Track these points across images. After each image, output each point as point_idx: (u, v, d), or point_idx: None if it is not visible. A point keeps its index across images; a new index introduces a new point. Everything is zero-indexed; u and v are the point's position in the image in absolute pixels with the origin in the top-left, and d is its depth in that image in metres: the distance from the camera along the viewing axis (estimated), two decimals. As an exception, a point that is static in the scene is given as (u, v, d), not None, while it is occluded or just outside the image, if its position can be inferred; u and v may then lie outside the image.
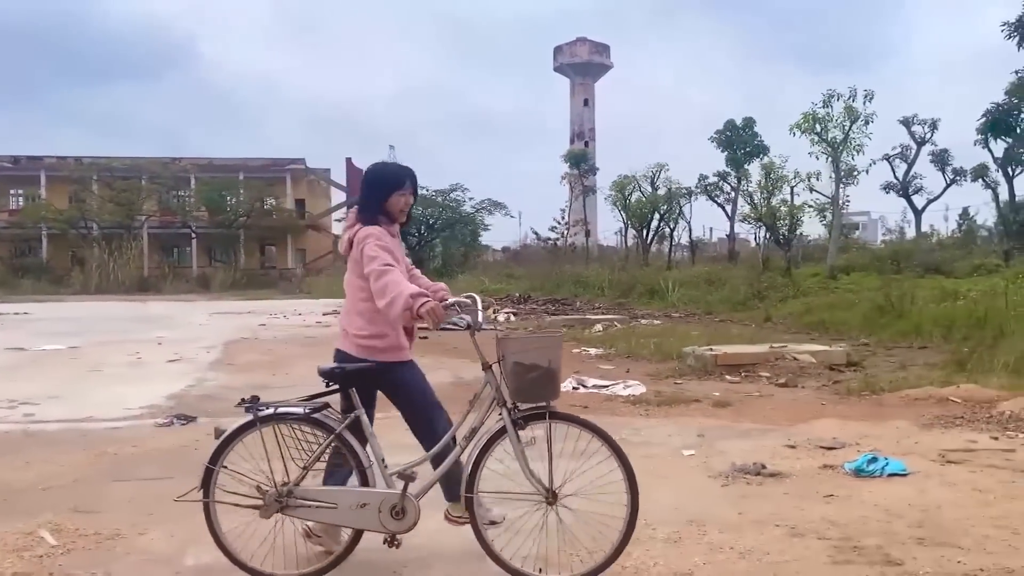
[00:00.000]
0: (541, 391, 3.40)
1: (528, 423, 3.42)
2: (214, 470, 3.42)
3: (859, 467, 5.16)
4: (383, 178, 3.80)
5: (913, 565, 3.59)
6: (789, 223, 27.03)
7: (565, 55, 71.65)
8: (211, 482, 3.42)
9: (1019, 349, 10.37)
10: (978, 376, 8.95)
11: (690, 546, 3.89)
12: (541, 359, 3.38)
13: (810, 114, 24.45)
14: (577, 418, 3.54)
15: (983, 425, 6.52)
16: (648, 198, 38.92)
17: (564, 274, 34.13)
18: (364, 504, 3.37)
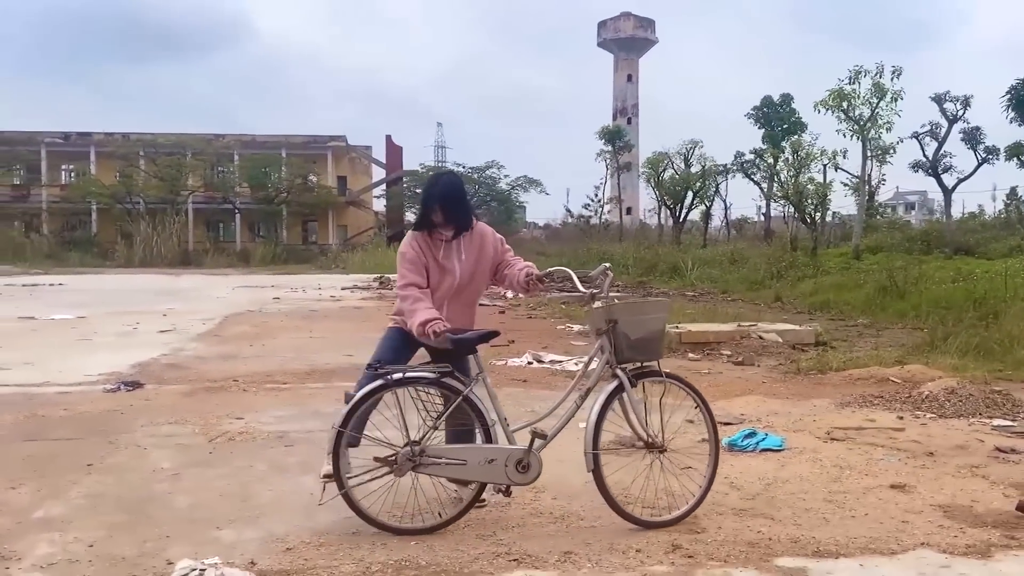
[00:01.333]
0: (649, 351, 3.87)
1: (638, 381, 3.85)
2: (343, 433, 3.64)
3: (734, 442, 5.24)
4: (424, 193, 4.24)
5: (713, 533, 3.70)
6: (816, 202, 26.54)
7: (609, 30, 70.87)
8: (340, 444, 3.64)
9: (1005, 330, 10.23)
10: (936, 357, 8.87)
11: (515, 509, 4.05)
12: (650, 323, 3.89)
13: (836, 91, 23.92)
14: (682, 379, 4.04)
15: (899, 405, 6.49)
16: (681, 175, 38.56)
17: (591, 252, 34.09)
18: (492, 460, 3.66)
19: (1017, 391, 7.10)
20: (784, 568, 3.22)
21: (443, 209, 4.05)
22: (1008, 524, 3.77)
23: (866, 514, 3.96)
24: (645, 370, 3.91)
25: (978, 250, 25.37)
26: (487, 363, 8.92)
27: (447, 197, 4.09)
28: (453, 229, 4.09)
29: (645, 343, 3.86)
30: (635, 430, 3.87)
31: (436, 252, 4.09)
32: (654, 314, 3.92)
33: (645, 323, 3.87)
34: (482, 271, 4.19)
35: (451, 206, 4.08)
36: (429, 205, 4.08)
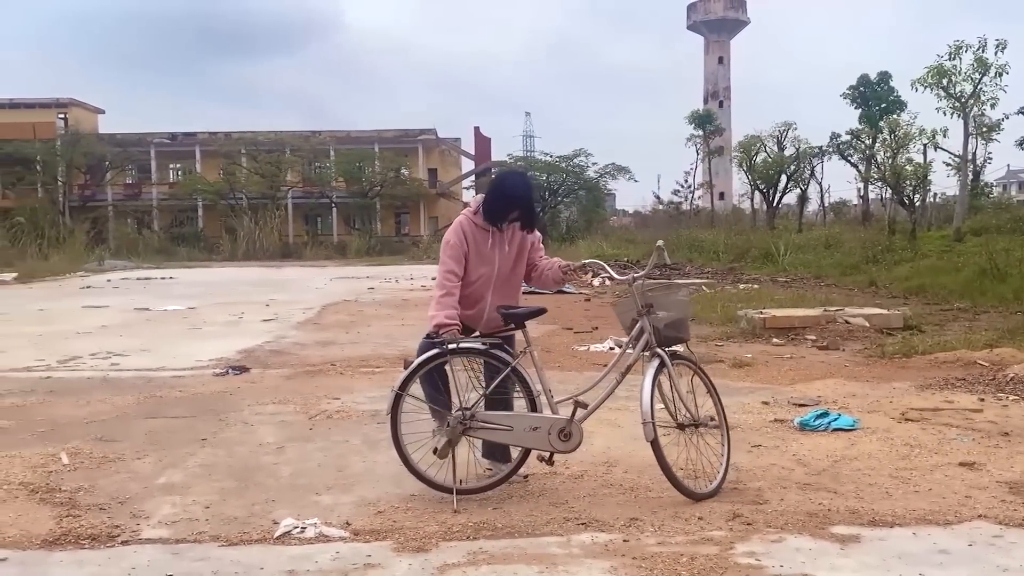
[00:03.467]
0: (681, 333, 4.21)
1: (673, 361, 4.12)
2: (402, 396, 4.05)
3: (805, 422, 5.36)
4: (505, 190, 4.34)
5: (775, 504, 3.88)
6: (914, 183, 25.66)
7: (699, 12, 69.66)
8: (399, 406, 4.01)
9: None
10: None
11: (587, 481, 4.32)
12: (680, 306, 4.27)
13: (935, 67, 23.04)
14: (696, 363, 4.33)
15: (981, 387, 6.46)
16: (774, 158, 37.78)
17: (681, 238, 33.83)
18: (536, 427, 3.95)
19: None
20: (838, 535, 3.39)
21: (524, 213, 4.31)
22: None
23: (929, 489, 4.06)
24: (676, 352, 4.18)
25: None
26: (571, 349, 9.33)
27: (531, 202, 4.42)
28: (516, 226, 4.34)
29: (677, 325, 4.17)
30: (676, 407, 4.11)
31: (483, 242, 4.28)
32: (683, 297, 4.26)
33: (676, 306, 4.20)
34: (521, 263, 4.44)
35: (532, 211, 4.40)
36: (511, 204, 4.26)
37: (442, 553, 3.33)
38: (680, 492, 3.95)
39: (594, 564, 3.14)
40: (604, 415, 5.49)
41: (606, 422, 5.45)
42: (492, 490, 4.07)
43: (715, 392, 4.35)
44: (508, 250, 4.37)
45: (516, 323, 4.12)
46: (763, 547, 3.24)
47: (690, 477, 4.05)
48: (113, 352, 9.28)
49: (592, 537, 3.44)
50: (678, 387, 4.14)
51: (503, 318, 4.14)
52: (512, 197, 4.31)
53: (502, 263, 4.36)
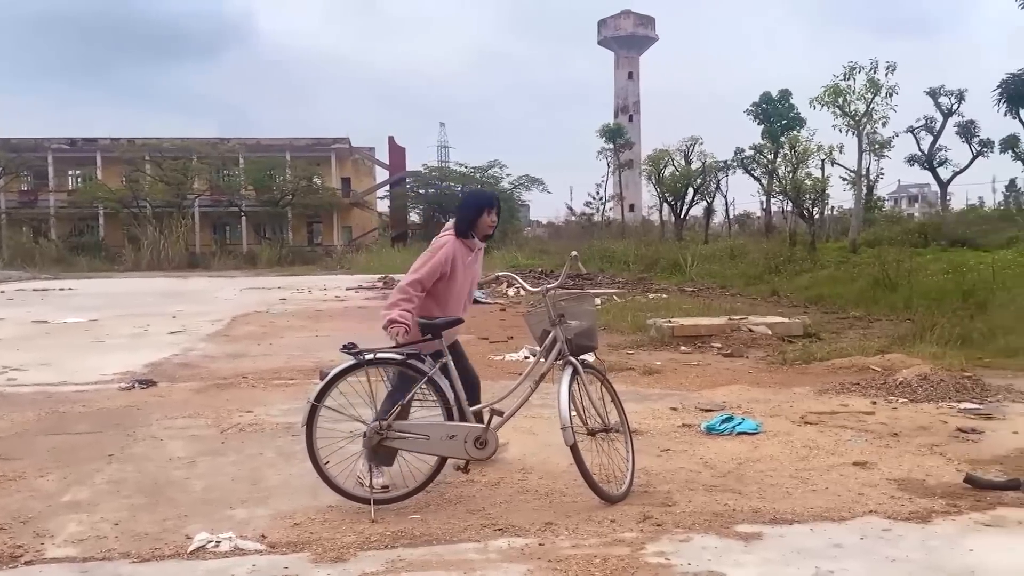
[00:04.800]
0: (591, 341, 4.36)
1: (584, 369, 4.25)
2: (317, 407, 4.01)
3: (712, 426, 5.58)
4: (475, 200, 4.64)
5: (683, 506, 4.04)
6: (813, 197, 26.85)
7: (609, 28, 71.14)
8: (314, 418, 4.01)
9: (988, 320, 10.56)
10: (919, 346, 9.19)
11: (504, 488, 4.40)
12: (588, 315, 4.39)
13: (831, 87, 24.22)
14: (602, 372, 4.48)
15: (874, 391, 6.83)
16: (681, 172, 38.85)
17: (593, 249, 34.42)
18: (452, 436, 4.00)
19: (991, 377, 7.44)
20: (742, 533, 3.56)
21: (498, 212, 4.59)
22: (954, 495, 4.11)
23: (826, 488, 4.30)
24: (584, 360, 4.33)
25: (976, 242, 25.62)
26: (487, 359, 9.41)
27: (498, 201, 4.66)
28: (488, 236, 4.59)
29: (587, 334, 4.32)
30: (587, 414, 4.25)
31: (466, 259, 4.49)
32: (589, 307, 4.40)
33: (586, 315, 4.34)
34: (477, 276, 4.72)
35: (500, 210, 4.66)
36: (482, 207, 4.51)
37: (360, 562, 3.35)
38: (596, 495, 4.07)
39: (511, 568, 3.22)
40: (520, 423, 5.59)
41: (522, 430, 5.54)
42: (409, 499, 4.10)
43: (618, 399, 4.48)
44: (478, 263, 4.66)
45: (433, 333, 4.18)
46: (672, 547, 3.38)
47: (603, 481, 4.18)
48: (10, 367, 8.87)
49: (509, 542, 3.52)
50: (589, 394, 4.27)
51: (420, 328, 4.19)
52: (483, 199, 4.61)
53: (474, 277, 4.63)
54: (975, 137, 25.17)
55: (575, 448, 4.01)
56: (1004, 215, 33.34)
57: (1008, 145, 24.05)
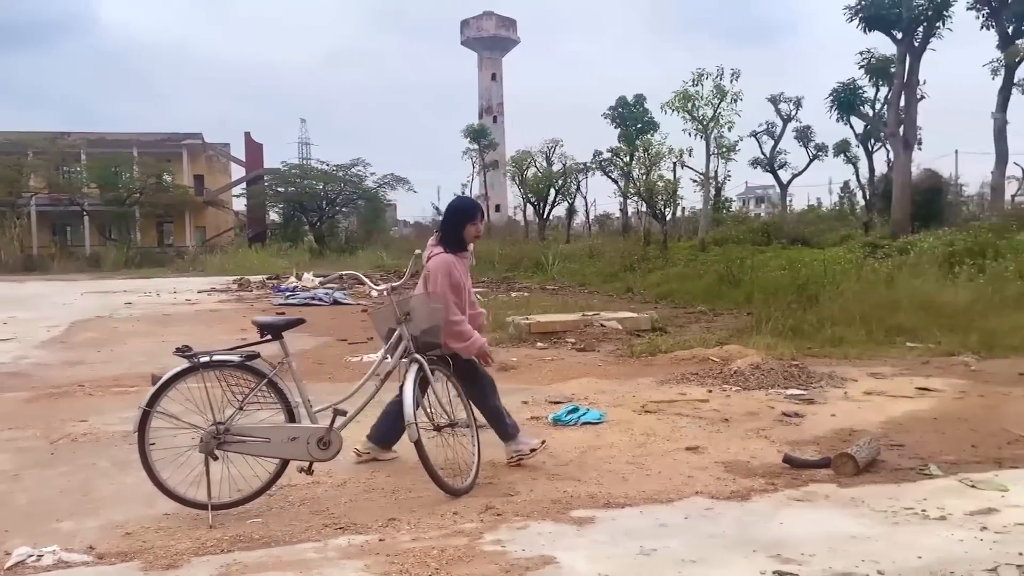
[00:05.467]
0: (435, 338, 4.40)
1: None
2: (150, 412, 3.82)
3: (558, 417, 5.78)
4: (460, 211, 4.75)
5: (524, 495, 4.16)
6: (665, 198, 28.01)
7: (472, 29, 71.51)
8: (146, 424, 3.84)
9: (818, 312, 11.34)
10: (756, 338, 9.79)
11: (350, 487, 4.39)
12: (433, 314, 4.41)
13: (681, 92, 25.37)
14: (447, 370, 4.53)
15: (711, 380, 7.24)
16: (544, 173, 39.63)
17: (458, 249, 34.49)
18: (294, 438, 3.96)
19: (817, 365, 8.03)
20: (576, 518, 3.72)
21: (482, 218, 4.82)
22: (773, 474, 4.44)
23: (659, 472, 4.54)
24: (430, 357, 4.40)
25: (813, 240, 27.50)
26: (344, 360, 9.31)
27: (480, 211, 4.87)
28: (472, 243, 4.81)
29: (432, 331, 4.38)
30: (433, 410, 4.33)
31: (463, 271, 4.70)
32: (436, 305, 4.47)
33: (431, 313, 4.40)
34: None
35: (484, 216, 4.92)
36: (465, 221, 4.68)
37: (193, 568, 3.27)
38: (441, 489, 4.13)
39: (348, 564, 3.23)
40: (370, 422, 5.59)
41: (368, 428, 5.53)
42: (251, 503, 4.03)
43: (464, 395, 4.58)
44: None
45: (273, 334, 4.12)
46: (509, 534, 3.48)
47: (450, 476, 4.25)
48: None
49: (349, 540, 3.53)
50: (435, 391, 4.33)
51: (259, 328, 4.12)
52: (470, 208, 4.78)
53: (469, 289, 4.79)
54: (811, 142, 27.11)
55: (419, 444, 4.06)
56: (839, 215, 35.96)
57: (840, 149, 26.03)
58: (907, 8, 19.75)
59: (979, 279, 12.94)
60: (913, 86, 21.04)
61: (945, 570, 2.90)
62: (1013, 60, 19.78)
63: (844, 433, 5.36)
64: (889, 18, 20.29)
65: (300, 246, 43.74)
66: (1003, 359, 8.29)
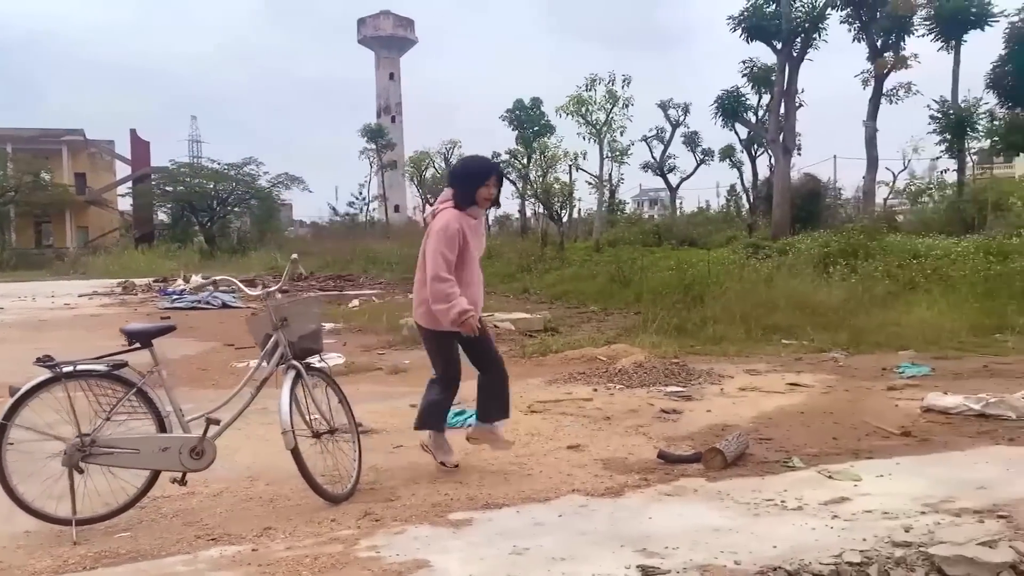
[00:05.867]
0: (314, 345, 4.35)
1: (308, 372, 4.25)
2: (7, 426, 3.61)
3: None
4: (471, 172, 4.51)
5: (405, 500, 4.17)
6: (561, 200, 28.48)
7: (369, 27, 70.70)
8: (3, 437, 3.62)
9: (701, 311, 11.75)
10: (643, 336, 10.08)
11: (226, 497, 4.30)
12: (312, 319, 4.37)
13: (575, 97, 25.84)
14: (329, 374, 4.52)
15: (597, 379, 7.41)
16: (442, 174, 39.61)
17: (356, 250, 34.20)
18: (165, 448, 3.86)
19: (697, 362, 8.33)
20: (454, 520, 3.75)
21: (499, 180, 4.54)
22: (648, 470, 4.59)
23: (540, 471, 4.63)
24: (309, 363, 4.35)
25: (701, 241, 28.49)
26: (229, 366, 9.07)
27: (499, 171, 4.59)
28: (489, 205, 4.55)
29: (311, 337, 4.34)
30: (311, 416, 4.28)
31: (472, 228, 4.46)
32: (315, 310, 4.47)
33: (310, 319, 4.38)
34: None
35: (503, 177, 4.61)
36: (480, 181, 4.43)
37: (53, 588, 3.15)
38: (321, 497, 4.10)
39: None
40: (254, 430, 5.49)
41: (255, 437, 5.44)
42: (119, 517, 3.90)
43: (346, 400, 4.55)
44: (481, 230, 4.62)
45: (142, 341, 3.99)
46: (385, 540, 3.49)
47: (330, 483, 4.22)
48: None
49: (221, 551, 3.46)
50: (314, 397, 4.29)
51: (127, 336, 3.99)
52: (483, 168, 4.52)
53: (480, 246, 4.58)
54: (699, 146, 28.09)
55: (296, 452, 4.01)
56: (726, 217, 37.35)
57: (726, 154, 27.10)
58: (786, 20, 20.71)
59: (851, 279, 13.70)
60: (792, 94, 22.08)
61: (796, 558, 3.08)
62: (882, 71, 21.02)
63: (717, 428, 5.59)
64: (770, 29, 21.24)
65: (190, 247, 42.33)
66: (869, 355, 8.81)
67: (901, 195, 32.11)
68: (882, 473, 4.29)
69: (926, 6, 21.44)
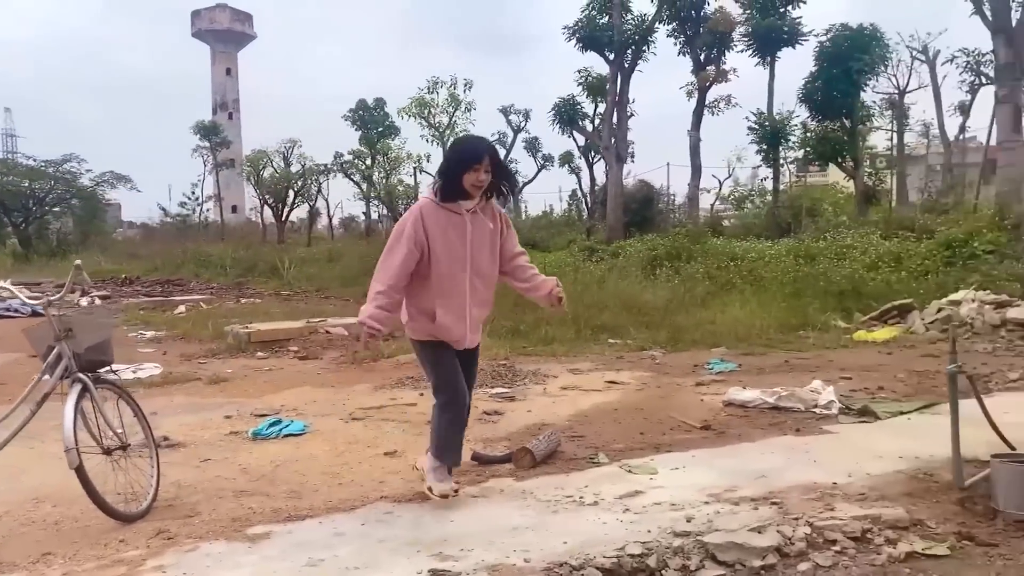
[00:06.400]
0: (104, 356, 4.14)
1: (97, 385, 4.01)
2: None
3: (258, 431, 5.64)
4: (455, 156, 3.82)
5: (205, 516, 4.01)
6: (406, 202, 28.34)
7: (204, 20, 67.66)
8: None
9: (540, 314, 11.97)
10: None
11: (5, 522, 3.99)
12: (102, 329, 4.16)
13: (417, 99, 25.80)
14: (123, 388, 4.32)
15: (424, 384, 7.38)
16: (282, 174, 38.48)
17: (187, 253, 32.63)
18: None
19: (526, 363, 8.52)
20: (252, 535, 3.64)
21: (493, 163, 3.78)
22: (460, 472, 4.60)
23: (352, 480, 4.57)
24: (99, 376, 4.14)
25: (544, 244, 29.10)
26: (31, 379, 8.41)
27: (494, 150, 3.88)
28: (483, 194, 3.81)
29: (101, 348, 4.13)
30: (101, 432, 4.05)
31: (449, 227, 3.78)
32: (106, 320, 4.28)
33: (99, 328, 4.16)
34: (496, 255, 3.98)
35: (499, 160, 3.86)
36: (470, 160, 3.73)
37: None
38: (111, 517, 3.87)
39: (-22, 611, 2.94)
40: (47, 448, 5.12)
41: (49, 456, 5.06)
42: None
43: (141, 413, 4.36)
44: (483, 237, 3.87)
45: None
46: (174, 559, 3.34)
47: (124, 501, 3.99)
48: None
49: (-12, 582, 3.21)
50: (104, 412, 4.05)
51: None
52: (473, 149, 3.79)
53: (476, 256, 3.85)
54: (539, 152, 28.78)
55: (80, 470, 3.77)
56: (567, 221, 38.36)
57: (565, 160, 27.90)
58: (617, 32, 21.55)
59: (675, 280, 14.44)
60: (625, 104, 23.02)
61: (583, 552, 3.20)
62: (704, 84, 22.28)
63: (535, 428, 5.73)
64: (602, 40, 22.04)
65: (2, 250, 38.97)
66: (685, 352, 9.31)
67: (727, 201, 34.15)
68: (677, 466, 4.54)
69: (744, 24, 22.95)
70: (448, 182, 3.78)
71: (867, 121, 26.17)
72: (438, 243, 3.77)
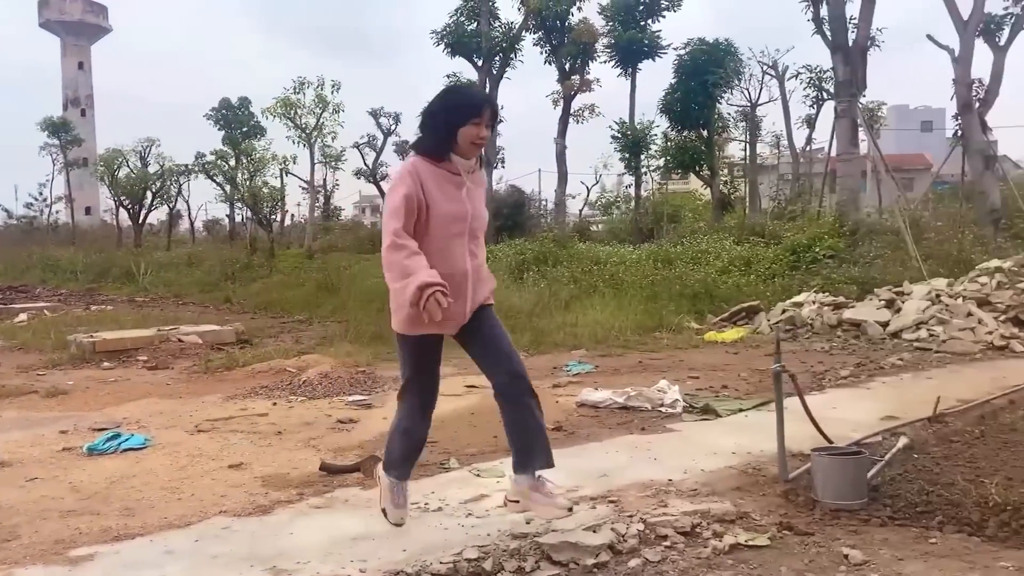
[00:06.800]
0: None
1: None
2: None
3: (94, 447, 5.34)
4: (454, 106, 3.22)
5: (25, 539, 3.76)
6: (271, 205, 27.58)
7: (53, 10, 63.52)
8: None
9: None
10: (341, 345, 10.02)
11: None
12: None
13: (282, 99, 25.15)
14: None
15: (280, 392, 7.25)
16: (138, 174, 36.64)
17: (33, 257, 30.64)
18: None
19: (386, 370, 8.43)
20: (74, 557, 3.45)
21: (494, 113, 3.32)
22: (307, 483, 4.55)
23: (192, 495, 4.40)
24: None
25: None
26: None
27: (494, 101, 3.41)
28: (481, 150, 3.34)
29: None
30: None
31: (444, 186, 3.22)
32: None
33: None
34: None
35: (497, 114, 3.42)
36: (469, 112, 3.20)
37: None
38: None
39: None
40: None
41: None
42: None
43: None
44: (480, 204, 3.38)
45: None
46: (-18, 588, 3.13)
47: None
48: None
49: None
50: None
51: None
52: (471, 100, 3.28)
53: (475, 214, 3.31)
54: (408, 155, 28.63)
55: None
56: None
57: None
58: (485, 39, 21.73)
59: (541, 284, 14.69)
60: (494, 109, 23.19)
61: (420, 559, 3.21)
62: (569, 92, 22.79)
63: (389, 435, 5.68)
64: (470, 46, 22.17)
65: None
66: (546, 354, 9.49)
67: (595, 207, 35.04)
68: (525, 468, 4.61)
69: (607, 35, 23.65)
70: (443, 137, 3.24)
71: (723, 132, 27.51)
72: (439, 208, 3.20)
